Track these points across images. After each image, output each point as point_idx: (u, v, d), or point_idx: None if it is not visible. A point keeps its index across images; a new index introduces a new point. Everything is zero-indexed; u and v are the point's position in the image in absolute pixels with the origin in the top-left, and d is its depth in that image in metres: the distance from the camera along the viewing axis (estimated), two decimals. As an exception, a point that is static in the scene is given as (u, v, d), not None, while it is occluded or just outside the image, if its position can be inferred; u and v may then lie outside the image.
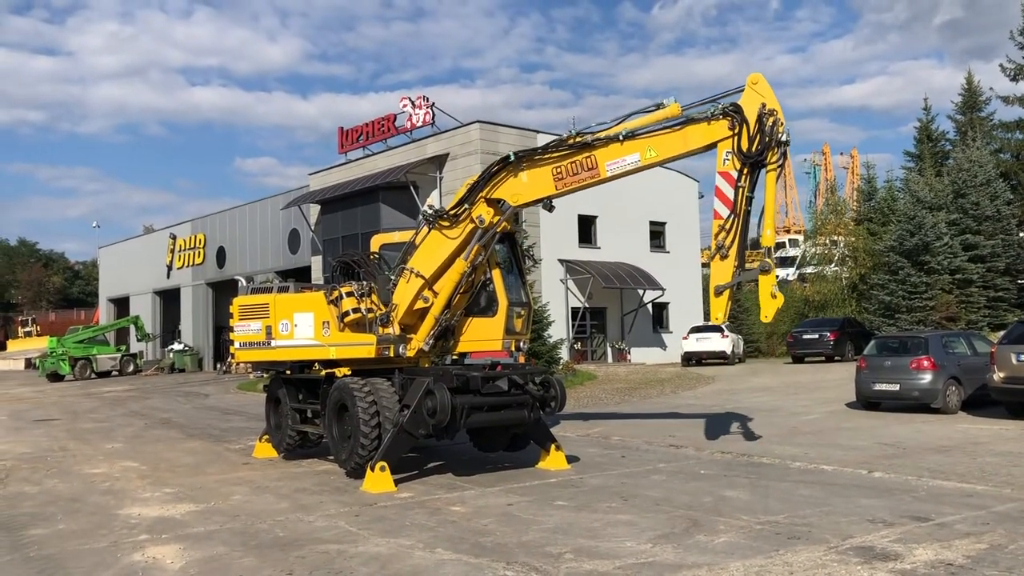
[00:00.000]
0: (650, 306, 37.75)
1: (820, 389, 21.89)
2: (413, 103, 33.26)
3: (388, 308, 11.24)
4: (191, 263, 47.96)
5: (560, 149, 10.74)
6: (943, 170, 40.37)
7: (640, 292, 36.51)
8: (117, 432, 17.42)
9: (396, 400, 10.63)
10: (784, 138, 9.95)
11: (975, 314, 31.80)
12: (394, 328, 11.25)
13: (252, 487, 10.49)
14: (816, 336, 30.74)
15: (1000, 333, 20.67)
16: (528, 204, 11.22)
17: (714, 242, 10.27)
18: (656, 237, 38.98)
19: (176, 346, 46.16)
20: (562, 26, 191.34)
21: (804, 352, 31.14)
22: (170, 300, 50.96)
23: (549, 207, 11.19)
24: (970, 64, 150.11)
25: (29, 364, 51.26)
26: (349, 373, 11.25)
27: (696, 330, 33.69)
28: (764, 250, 10.41)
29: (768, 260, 10.18)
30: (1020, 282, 34.00)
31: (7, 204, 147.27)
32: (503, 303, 11.48)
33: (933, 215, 32.65)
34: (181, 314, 49.12)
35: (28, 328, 70.60)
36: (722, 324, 36.18)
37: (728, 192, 10.18)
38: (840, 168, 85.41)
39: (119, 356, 42.54)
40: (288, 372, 12.90)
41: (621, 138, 10.42)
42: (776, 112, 9.98)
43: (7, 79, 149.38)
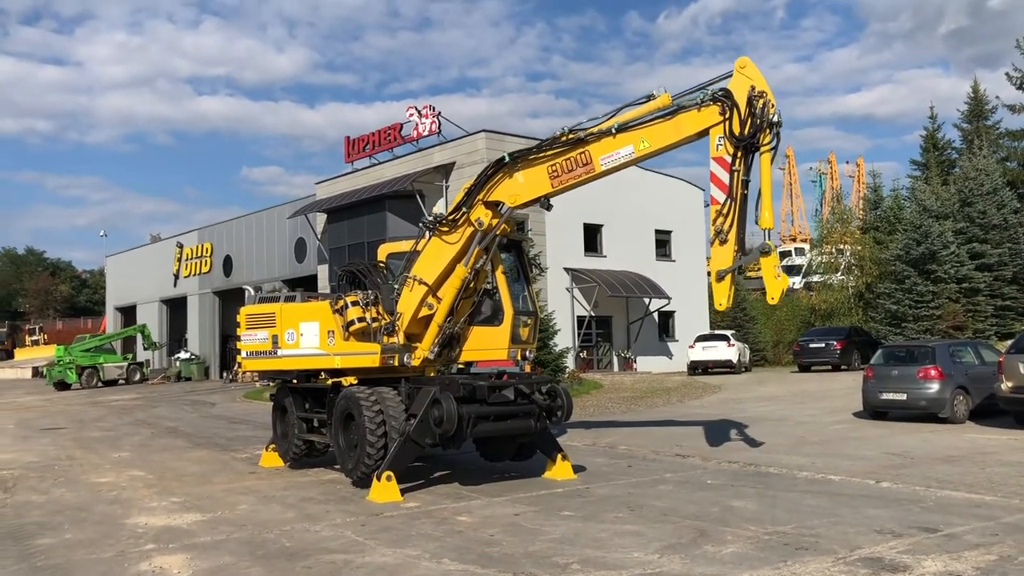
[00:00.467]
0: (656, 315, 37.72)
1: (827, 398, 21.83)
2: (419, 112, 33.34)
3: (393, 317, 11.25)
4: (198, 272, 48.07)
5: (554, 147, 10.71)
6: (949, 179, 40.31)
7: (646, 301, 36.49)
8: (124, 441, 17.44)
9: (402, 409, 10.62)
10: (776, 118, 9.92)
11: (982, 323, 31.69)
12: (399, 337, 11.25)
13: (259, 496, 10.49)
14: (822, 345, 30.70)
15: (1008, 342, 20.61)
16: (526, 204, 11.16)
17: (712, 228, 10.24)
18: (662, 246, 38.97)
19: (183, 355, 46.23)
20: (568, 35, 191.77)
21: (810, 361, 31.09)
22: (177, 309, 51.05)
23: (547, 206, 11.18)
24: (976, 73, 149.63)
25: (36, 373, 51.34)
26: (355, 382, 11.26)
27: (702, 339, 33.65)
28: (764, 232, 10.25)
29: (768, 242, 10.09)
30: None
31: (16, 213, 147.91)
32: (508, 312, 11.45)
33: (940, 224, 32.57)
34: (188, 323, 49.21)
35: (35, 336, 70.81)
36: (727, 328, 36.23)
37: (723, 177, 10.12)
38: (846, 177, 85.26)
39: (126, 365, 42.58)
40: (295, 381, 12.92)
41: (614, 131, 10.37)
42: (766, 93, 9.94)
43: (16, 89, 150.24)
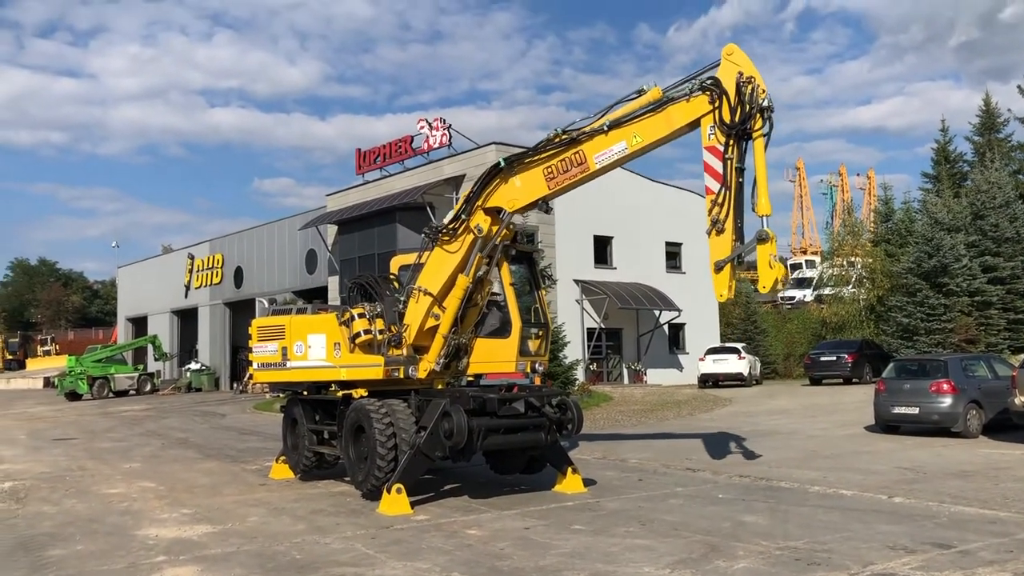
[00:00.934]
0: (666, 327, 37.62)
1: (838, 412, 21.73)
2: (430, 125, 33.44)
3: (399, 329, 11.28)
4: (209, 283, 48.24)
5: (548, 148, 10.68)
6: (961, 191, 40.18)
7: (656, 313, 36.42)
8: (134, 452, 17.48)
9: (413, 422, 10.62)
10: (766, 103, 9.82)
11: (995, 336, 31.50)
12: (406, 349, 11.28)
13: (269, 508, 10.50)
14: (834, 358, 30.57)
15: (1021, 356, 20.48)
16: (525, 208, 11.09)
17: (709, 218, 10.12)
18: (672, 258, 38.90)
19: (193, 365, 46.33)
20: (578, 48, 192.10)
21: (822, 374, 30.96)
22: (187, 320, 51.22)
23: (546, 209, 11.17)
24: (987, 85, 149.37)
25: (48, 383, 51.55)
26: (366, 394, 11.28)
27: (713, 351, 33.55)
28: (760, 219, 10.08)
29: (766, 230, 9.88)
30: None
31: (30, 224, 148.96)
32: (517, 324, 11.37)
33: (951, 237, 32.44)
34: (198, 334, 49.35)
35: (47, 347, 71.19)
36: (738, 341, 36.14)
37: (716, 166, 10.03)
38: (857, 189, 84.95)
39: (136, 375, 42.72)
40: (305, 393, 12.95)
41: (606, 128, 10.33)
42: (755, 79, 9.87)
43: (31, 101, 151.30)
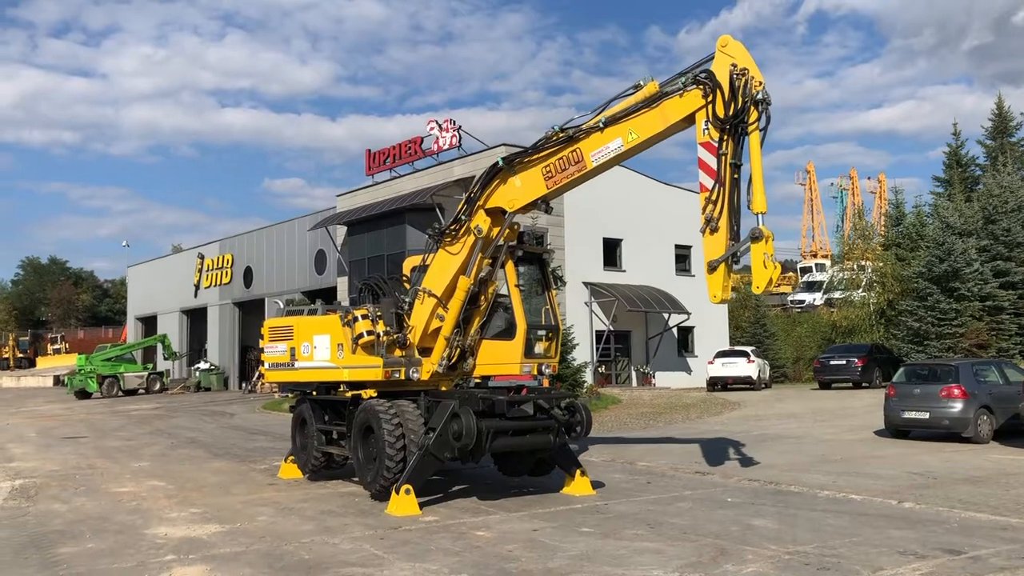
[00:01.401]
0: (675, 330, 37.55)
1: (848, 416, 21.63)
2: (440, 126, 33.47)
3: (404, 330, 11.30)
4: (218, 283, 48.39)
5: (547, 147, 10.60)
6: (973, 195, 39.96)
7: (665, 316, 36.35)
8: (144, 451, 17.54)
9: (422, 423, 10.63)
10: (760, 95, 9.56)
11: (1006, 342, 31.31)
12: (411, 350, 11.28)
13: (278, 508, 10.52)
14: (843, 362, 30.42)
15: (1032, 361, 20.36)
16: (526, 208, 11.04)
17: (703, 216, 9.89)
18: (682, 260, 38.79)
19: (202, 365, 46.49)
20: (589, 50, 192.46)
21: (831, 378, 30.83)
22: (197, 319, 51.38)
23: (546, 209, 11.10)
24: (1000, 89, 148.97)
25: (57, 381, 51.81)
26: (375, 395, 11.29)
27: (722, 355, 33.45)
28: (756, 217, 9.71)
29: (760, 228, 9.54)
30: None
31: (41, 223, 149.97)
32: (521, 326, 11.18)
33: (963, 241, 32.26)
34: (208, 333, 49.50)
35: (57, 345, 71.56)
36: (747, 344, 36.01)
37: (711, 161, 9.80)
38: (868, 193, 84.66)
39: (146, 374, 42.90)
40: (314, 393, 12.99)
41: (602, 125, 10.19)
42: (748, 70, 9.61)
43: (43, 101, 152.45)
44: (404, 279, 12.26)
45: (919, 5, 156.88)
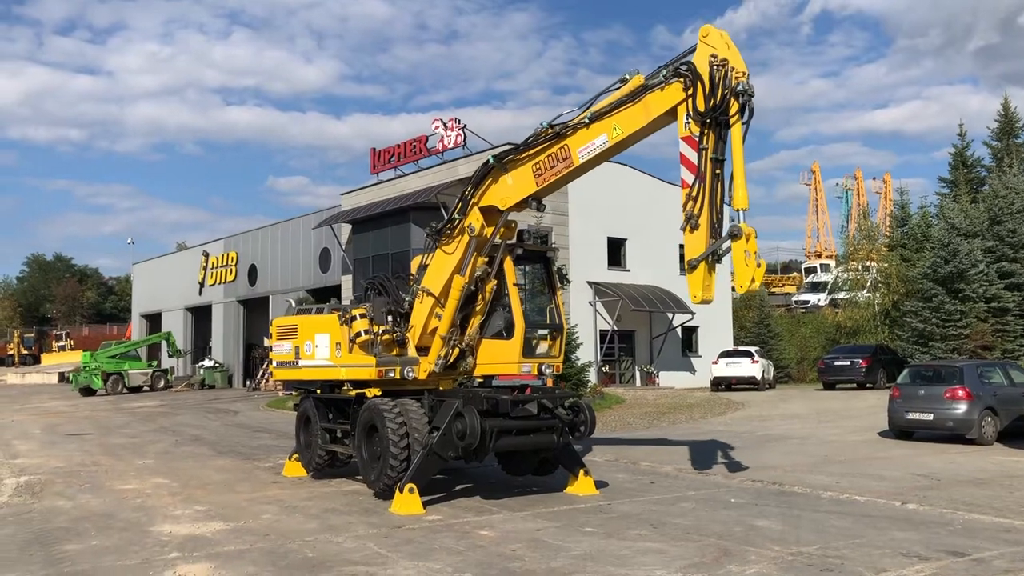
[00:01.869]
0: (679, 330, 37.54)
1: (851, 417, 21.62)
2: (445, 125, 33.47)
3: (403, 329, 11.33)
4: (223, 280, 48.44)
5: (537, 144, 10.49)
6: (979, 197, 39.83)
7: (669, 315, 36.34)
8: (148, 448, 17.59)
9: (426, 422, 10.65)
10: (741, 87, 9.30)
11: (1011, 343, 31.22)
12: (410, 350, 11.30)
13: (282, 506, 10.54)
14: (848, 363, 30.40)
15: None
16: (518, 206, 10.93)
17: (683, 213, 9.63)
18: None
19: (207, 362, 46.56)
20: (595, 49, 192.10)
21: (835, 379, 30.81)
22: (201, 317, 51.45)
23: (538, 207, 11.00)
24: (1006, 90, 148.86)
25: (62, 378, 51.92)
26: (379, 394, 11.31)
27: (726, 355, 33.44)
28: (737, 213, 9.39)
29: (739, 225, 9.19)
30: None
31: (46, 220, 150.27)
32: (520, 326, 11.10)
33: (968, 242, 32.18)
34: (212, 331, 49.58)
35: (62, 342, 71.61)
36: (751, 344, 35.99)
37: (692, 156, 9.54)
38: (873, 193, 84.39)
39: (150, 372, 42.94)
40: (318, 391, 13.03)
41: (588, 121, 10.05)
42: (728, 61, 9.37)
43: (49, 98, 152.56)
44: (411, 278, 12.27)
45: (925, 5, 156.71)
